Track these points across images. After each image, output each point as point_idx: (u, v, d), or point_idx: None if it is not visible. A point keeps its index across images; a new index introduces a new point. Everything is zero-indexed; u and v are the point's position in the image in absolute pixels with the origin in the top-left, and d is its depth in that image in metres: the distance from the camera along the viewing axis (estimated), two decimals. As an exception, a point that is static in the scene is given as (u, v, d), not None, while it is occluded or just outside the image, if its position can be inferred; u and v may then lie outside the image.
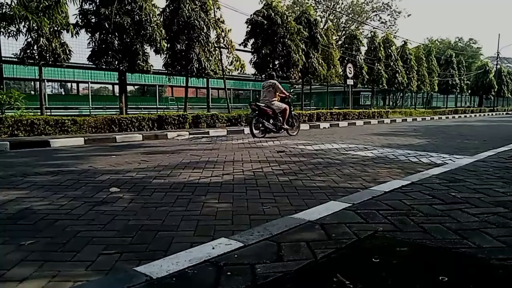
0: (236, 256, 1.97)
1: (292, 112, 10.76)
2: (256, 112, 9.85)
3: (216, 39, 15.06)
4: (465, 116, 30.11)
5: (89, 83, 22.72)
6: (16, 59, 10.88)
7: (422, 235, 2.27)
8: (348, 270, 1.81)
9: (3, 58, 12.07)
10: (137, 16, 11.58)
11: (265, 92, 10.28)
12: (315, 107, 29.47)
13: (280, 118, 10.17)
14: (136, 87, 30.54)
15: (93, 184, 4.26)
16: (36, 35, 10.07)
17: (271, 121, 10.02)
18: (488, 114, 36.09)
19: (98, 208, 3.28)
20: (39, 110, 11.64)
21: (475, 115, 32.39)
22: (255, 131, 9.77)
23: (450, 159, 6.03)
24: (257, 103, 10.03)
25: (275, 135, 10.37)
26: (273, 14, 16.51)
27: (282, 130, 10.31)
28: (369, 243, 2.16)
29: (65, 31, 10.73)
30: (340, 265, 1.86)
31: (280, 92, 10.34)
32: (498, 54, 44.19)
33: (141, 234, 2.64)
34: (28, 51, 10.32)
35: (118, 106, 13.82)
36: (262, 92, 10.47)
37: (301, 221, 2.52)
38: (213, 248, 2.07)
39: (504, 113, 41.84)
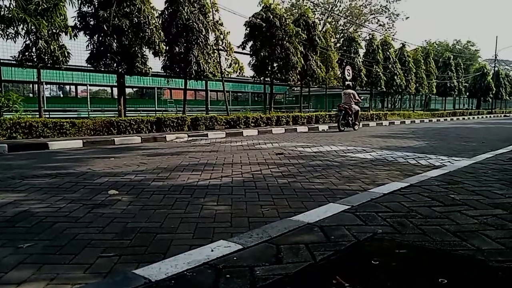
0: (235, 258, 1.96)
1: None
2: (343, 112, 14.32)
3: (215, 41, 15.10)
4: (463, 118, 30.18)
5: (88, 85, 22.74)
6: (14, 62, 10.88)
7: (421, 237, 2.27)
8: (347, 272, 1.80)
9: (1, 61, 12.07)
10: (135, 19, 11.59)
11: (346, 98, 14.78)
12: (313, 110, 29.52)
13: (353, 116, 14.62)
14: (135, 89, 30.60)
15: (91, 186, 4.25)
16: (34, 38, 10.08)
17: (350, 118, 14.45)
18: (486, 116, 36.18)
19: (96, 210, 3.27)
20: (37, 113, 11.63)
21: (473, 117, 32.48)
22: (340, 126, 14.19)
23: (449, 161, 6.04)
24: (344, 106, 14.48)
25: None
26: (271, 16, 16.55)
27: (353, 126, 14.67)
28: (368, 245, 2.16)
29: (63, 33, 10.74)
30: (340, 268, 1.86)
31: (355, 98, 14.86)
32: (496, 57, 44.38)
33: (140, 236, 2.64)
34: (27, 53, 10.32)
35: (116, 108, 13.81)
36: (344, 97, 14.97)
37: (300, 224, 2.52)
38: (212, 251, 2.07)
39: (502, 115, 41.94)
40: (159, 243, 2.51)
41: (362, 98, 41.77)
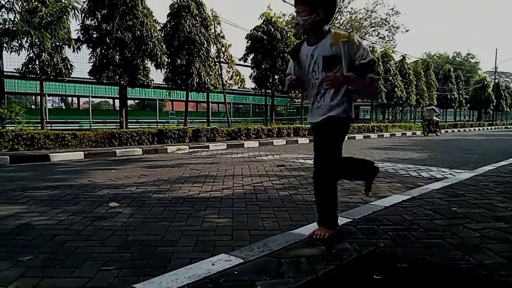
0: (236, 272, 1.95)
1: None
2: (426, 122, 20.86)
3: (216, 54, 15.23)
4: (464, 130, 30.15)
5: (90, 97, 22.84)
6: (18, 74, 10.96)
7: (423, 251, 2.25)
8: (349, 287, 1.79)
9: (5, 73, 12.17)
10: (138, 32, 11.72)
11: (428, 112, 21.09)
12: (314, 121, 29.48)
13: (434, 125, 20.74)
14: (136, 101, 30.71)
15: (92, 198, 4.25)
16: (38, 50, 10.18)
17: (431, 126, 20.58)
18: (487, 128, 36.14)
19: (97, 223, 3.27)
20: (39, 124, 11.68)
21: (474, 129, 32.44)
22: (425, 132, 20.56)
23: (450, 174, 6.03)
24: (427, 118, 21.07)
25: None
26: (272, 29, 16.72)
27: (435, 132, 20.76)
28: (370, 259, 2.14)
29: (66, 46, 10.85)
30: (341, 282, 1.85)
31: (435, 112, 20.77)
32: (496, 69, 44.56)
33: (140, 249, 2.63)
34: (30, 66, 10.41)
35: (118, 120, 13.87)
36: (427, 112, 21.56)
37: (301, 237, 2.51)
38: (213, 265, 2.06)
39: (503, 127, 41.93)
40: (160, 256, 2.50)
41: (363, 109, 42.06)
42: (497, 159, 7.89)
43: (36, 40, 9.62)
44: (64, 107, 28.60)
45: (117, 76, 12.04)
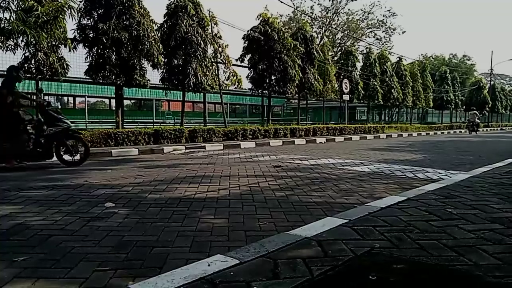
0: (232, 273, 1.95)
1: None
2: (471, 123, 25.88)
3: (213, 54, 15.20)
4: (460, 132, 30.30)
5: (86, 97, 22.75)
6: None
7: (418, 251, 2.26)
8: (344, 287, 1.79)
9: (0, 72, 12.08)
10: (135, 31, 11.67)
11: (471, 115, 26.26)
12: (311, 122, 29.58)
13: (476, 126, 25.85)
14: (133, 101, 30.62)
15: (88, 199, 4.23)
16: (34, 50, 10.11)
17: (474, 127, 25.78)
18: (483, 130, 36.33)
19: (92, 223, 3.25)
20: (35, 124, 11.58)
21: (470, 131, 32.56)
22: (469, 132, 25.93)
23: (446, 175, 6.06)
24: (470, 120, 26.20)
25: None
26: (269, 30, 16.71)
27: (476, 131, 26.06)
28: (365, 260, 2.15)
29: (63, 45, 10.78)
30: (337, 283, 1.85)
31: (477, 115, 25.99)
32: (491, 71, 44.81)
33: (136, 250, 2.62)
34: (26, 65, 10.34)
35: (114, 120, 13.80)
36: (470, 115, 26.67)
37: (297, 238, 2.51)
38: (209, 265, 2.05)
39: (499, 128, 42.14)
40: (156, 257, 2.49)
41: (359, 110, 42.23)
42: (492, 160, 7.93)
43: (32, 39, 9.53)
44: (59, 107, 28.48)
45: (114, 76, 11.98)
